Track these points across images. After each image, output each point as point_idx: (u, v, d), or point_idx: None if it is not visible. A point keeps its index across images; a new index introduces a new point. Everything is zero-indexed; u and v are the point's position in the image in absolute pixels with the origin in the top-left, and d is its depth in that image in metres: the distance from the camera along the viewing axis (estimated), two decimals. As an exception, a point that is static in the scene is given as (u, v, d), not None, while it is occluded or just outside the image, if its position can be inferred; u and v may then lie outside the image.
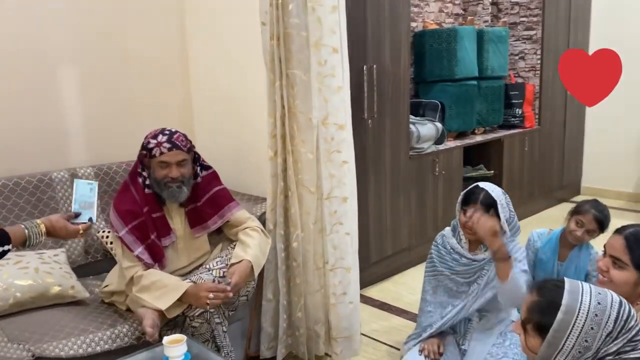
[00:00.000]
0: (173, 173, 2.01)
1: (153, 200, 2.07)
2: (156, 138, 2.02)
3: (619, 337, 1.16)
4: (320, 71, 2.19)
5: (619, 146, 5.03)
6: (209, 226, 2.17)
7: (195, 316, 1.96)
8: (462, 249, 2.24)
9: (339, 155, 2.26)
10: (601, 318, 1.17)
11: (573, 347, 1.17)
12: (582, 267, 2.44)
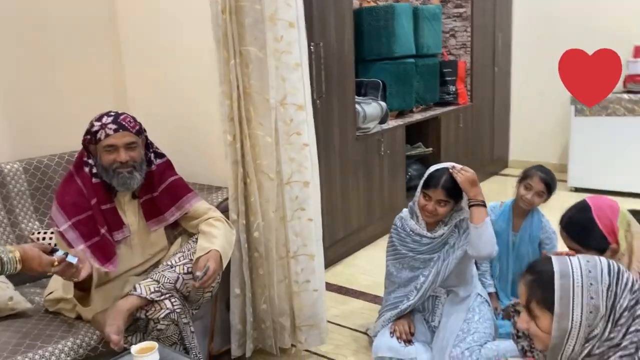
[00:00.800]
0: (121, 157, 1.81)
1: (102, 191, 1.86)
2: (100, 120, 1.82)
3: (619, 290, 1.17)
4: (276, 47, 2.05)
5: (543, 120, 5.26)
6: (167, 219, 1.99)
7: (160, 318, 1.79)
8: (421, 229, 2.22)
9: (299, 137, 2.15)
10: (595, 273, 1.18)
11: (583, 310, 1.16)
12: (535, 235, 2.53)
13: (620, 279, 1.18)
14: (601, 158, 4.43)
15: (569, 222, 1.67)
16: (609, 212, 1.57)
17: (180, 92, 2.57)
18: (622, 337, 1.15)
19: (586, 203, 1.66)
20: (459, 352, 2.05)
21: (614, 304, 1.17)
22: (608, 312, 1.16)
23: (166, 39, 2.56)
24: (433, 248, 2.22)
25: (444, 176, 2.13)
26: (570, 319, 1.17)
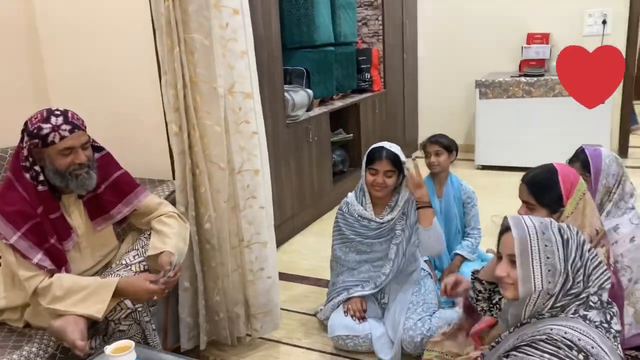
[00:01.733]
0: (80, 158, 1.71)
1: (49, 199, 1.73)
2: (49, 121, 1.68)
3: (572, 248, 1.28)
4: (222, 35, 2.02)
5: (449, 103, 5.59)
6: (113, 216, 1.90)
7: (122, 318, 1.72)
8: (368, 213, 2.31)
9: (248, 125, 2.14)
10: (549, 235, 1.29)
11: (542, 271, 1.27)
12: (458, 196, 2.79)
13: (572, 238, 1.30)
14: (504, 137, 4.81)
15: (533, 178, 1.79)
16: (572, 178, 1.73)
17: (110, 84, 2.44)
18: (582, 290, 1.29)
19: (553, 166, 1.79)
20: (412, 323, 2.17)
21: (574, 262, 1.28)
22: (567, 270, 1.28)
23: (90, 29, 2.42)
24: (381, 233, 2.32)
25: (384, 150, 2.25)
26: (533, 281, 1.28)
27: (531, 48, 4.87)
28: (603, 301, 1.29)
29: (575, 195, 1.70)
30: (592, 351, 1.17)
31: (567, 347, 1.17)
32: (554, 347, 1.17)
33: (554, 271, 1.27)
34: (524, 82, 4.67)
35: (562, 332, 1.20)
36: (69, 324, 1.60)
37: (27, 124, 1.72)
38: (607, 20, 4.76)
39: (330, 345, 2.32)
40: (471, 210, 2.78)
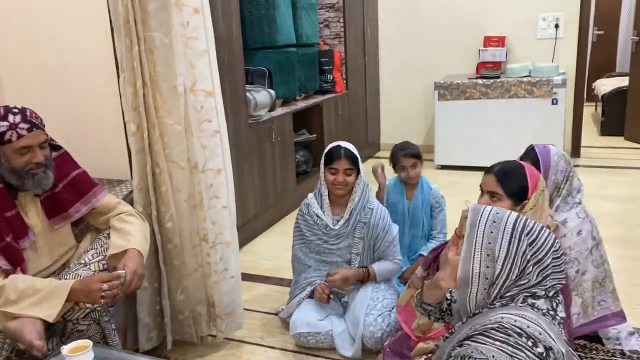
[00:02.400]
0: (38, 157, 1.68)
1: (4, 197, 1.70)
2: (6, 119, 1.65)
3: (523, 242, 1.30)
4: (183, 33, 2.02)
5: (409, 105, 5.69)
6: (71, 215, 1.87)
7: (80, 318, 1.70)
8: (326, 217, 2.36)
9: (210, 124, 2.14)
10: (499, 223, 1.32)
11: (482, 254, 1.30)
12: (427, 200, 2.82)
13: (525, 231, 1.32)
14: (462, 137, 4.93)
15: (502, 169, 1.85)
16: (536, 174, 1.81)
17: (66, 83, 2.40)
18: (533, 285, 1.33)
19: (517, 162, 1.88)
20: (372, 319, 2.21)
21: (517, 252, 1.30)
22: (510, 259, 1.30)
23: (46, 27, 2.37)
24: (339, 237, 2.36)
25: (342, 149, 2.30)
26: (471, 262, 1.32)
27: (488, 51, 5.01)
28: (551, 291, 1.35)
29: (538, 190, 1.77)
30: (540, 337, 1.22)
31: (517, 334, 1.22)
32: (504, 335, 1.22)
33: (492, 257, 1.31)
34: (481, 84, 4.80)
35: (512, 320, 1.25)
36: (26, 324, 1.57)
37: None
38: (560, 24, 4.93)
39: (292, 344, 2.34)
40: (439, 215, 2.81)
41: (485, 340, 1.23)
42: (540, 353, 1.20)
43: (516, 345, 1.20)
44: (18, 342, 1.59)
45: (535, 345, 1.21)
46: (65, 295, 1.62)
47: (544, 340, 1.22)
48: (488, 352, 1.20)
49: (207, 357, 2.29)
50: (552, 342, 1.23)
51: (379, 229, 2.37)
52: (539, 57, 5.00)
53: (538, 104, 4.66)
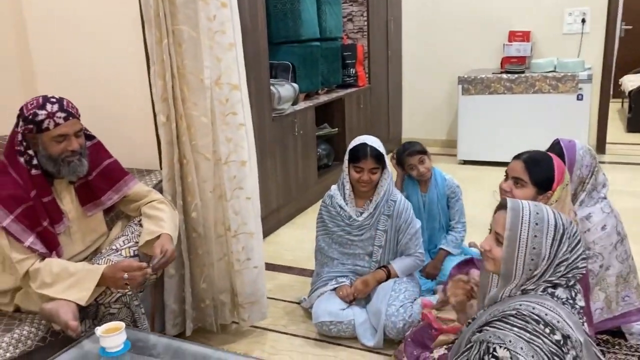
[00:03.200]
0: (73, 145, 1.75)
1: (41, 182, 1.77)
2: (45, 108, 1.72)
3: (565, 244, 1.32)
4: (210, 27, 2.06)
5: (432, 99, 5.67)
6: (104, 202, 1.94)
7: (112, 302, 1.77)
8: (350, 209, 2.39)
9: (235, 117, 2.18)
10: (542, 226, 1.32)
11: (527, 251, 1.32)
12: (442, 192, 2.81)
13: (566, 233, 1.33)
14: (485, 132, 4.91)
15: (530, 156, 1.86)
16: (563, 167, 1.82)
17: (97, 75, 2.46)
18: (558, 278, 1.35)
19: (547, 152, 1.89)
20: (394, 310, 2.24)
21: (557, 254, 1.32)
22: (551, 260, 1.32)
23: (78, 21, 2.44)
24: (362, 229, 2.39)
25: (368, 147, 2.31)
26: (515, 265, 1.34)
27: (512, 45, 4.97)
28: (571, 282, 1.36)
29: (563, 183, 1.78)
30: (558, 325, 1.24)
31: (535, 321, 1.24)
32: (522, 322, 1.25)
33: (537, 261, 1.33)
34: (506, 78, 4.76)
35: (530, 307, 1.27)
36: (61, 306, 1.64)
37: (22, 109, 1.76)
38: (586, 18, 4.87)
39: (315, 332, 2.38)
40: (455, 205, 2.79)
41: (503, 326, 1.25)
42: (558, 340, 1.23)
43: (534, 332, 1.23)
44: (53, 323, 1.66)
45: (553, 333, 1.23)
46: (97, 280, 1.68)
47: (562, 329, 1.24)
48: (505, 337, 1.22)
49: (232, 344, 2.34)
50: (570, 330, 1.25)
51: (401, 221, 2.39)
52: (564, 52, 4.93)
53: (563, 100, 4.61)
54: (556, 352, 1.22)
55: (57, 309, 1.63)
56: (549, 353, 1.21)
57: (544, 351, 1.21)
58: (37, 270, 1.68)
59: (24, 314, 1.78)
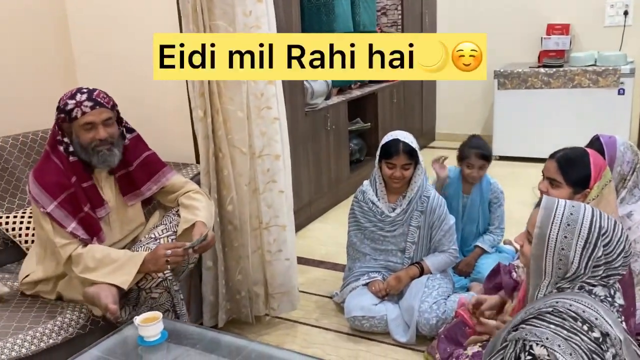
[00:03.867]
0: (100, 134, 1.80)
1: (80, 169, 1.84)
2: (74, 98, 1.79)
3: (600, 247, 1.27)
4: (246, 22, 2.08)
5: (467, 94, 5.59)
6: (143, 193, 2.01)
7: (153, 287, 1.82)
8: (382, 204, 2.38)
9: (269, 111, 2.20)
10: (574, 227, 1.28)
11: (554, 262, 1.30)
12: (485, 196, 2.74)
13: (601, 236, 1.28)
14: (522, 128, 4.81)
15: (564, 155, 1.81)
16: (601, 163, 1.77)
17: (135, 69, 2.52)
18: (595, 280, 1.31)
19: (584, 149, 1.83)
20: (427, 307, 2.23)
21: (590, 257, 1.28)
22: (583, 263, 1.28)
23: (117, 15, 2.49)
24: (395, 225, 2.38)
25: (400, 143, 2.29)
26: (544, 262, 1.32)
27: (551, 39, 4.85)
28: (610, 279, 1.33)
29: (602, 181, 1.72)
30: (596, 322, 1.21)
31: (572, 318, 1.21)
32: (559, 319, 1.22)
33: (565, 262, 1.29)
34: (543, 72, 4.66)
35: (567, 304, 1.24)
36: (103, 289, 1.70)
37: (59, 101, 1.84)
38: (629, 10, 4.71)
39: (347, 326, 2.39)
40: (497, 210, 2.72)
41: (539, 324, 1.23)
42: (597, 338, 1.20)
43: (571, 329, 1.20)
44: (95, 305, 1.72)
45: (591, 330, 1.21)
46: (139, 265, 1.74)
47: (600, 326, 1.21)
48: (542, 335, 1.20)
49: (264, 336, 2.37)
50: (610, 328, 1.22)
51: (435, 217, 2.37)
52: (605, 46, 4.78)
53: (603, 94, 4.48)
54: (595, 350, 1.19)
55: (99, 292, 1.69)
56: (587, 351, 1.18)
57: (582, 349, 1.18)
58: (79, 256, 1.75)
59: (65, 302, 1.84)
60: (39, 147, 2.28)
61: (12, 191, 2.18)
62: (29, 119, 2.37)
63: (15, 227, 2.10)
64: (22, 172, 2.22)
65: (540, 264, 1.32)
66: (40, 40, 2.51)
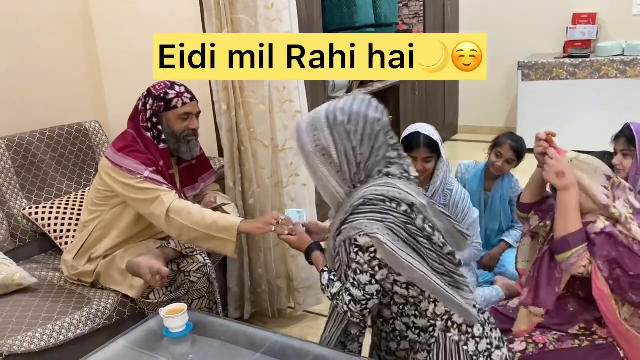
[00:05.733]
0: (195, 124, 1.90)
1: (168, 155, 1.90)
2: (174, 88, 1.87)
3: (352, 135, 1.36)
4: (267, 15, 2.08)
5: (490, 86, 5.51)
6: (197, 187, 2.08)
7: (193, 271, 1.87)
8: None
9: (292, 104, 2.20)
10: (315, 124, 1.40)
11: (316, 154, 1.40)
12: (506, 194, 2.68)
13: (337, 120, 1.36)
14: (547, 120, 4.72)
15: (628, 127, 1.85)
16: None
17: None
18: (382, 157, 1.42)
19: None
20: (450, 300, 2.21)
21: (340, 140, 1.37)
22: (339, 147, 1.37)
23: (140, 10, 2.51)
24: None
25: (421, 136, 2.25)
26: (317, 171, 1.43)
27: (577, 28, 4.76)
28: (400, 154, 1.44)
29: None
30: (401, 197, 1.34)
31: (381, 201, 1.32)
32: (370, 206, 1.32)
33: (328, 154, 1.38)
34: (569, 63, 4.57)
35: (372, 191, 1.35)
36: (149, 260, 1.74)
37: (150, 90, 1.90)
38: (659, -2, 4.60)
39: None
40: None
41: (356, 217, 1.32)
42: (405, 210, 1.33)
43: (383, 211, 1.31)
44: (137, 275, 1.76)
45: (400, 205, 1.33)
46: (235, 232, 1.74)
47: (405, 199, 1.34)
48: (361, 225, 1.30)
49: (287, 328, 2.38)
50: (413, 198, 1.36)
51: (458, 211, 2.34)
52: (633, 35, 4.67)
53: (632, 85, 4.38)
54: (407, 220, 1.32)
55: (148, 259, 1.74)
56: (401, 224, 1.31)
57: (396, 224, 1.30)
58: (182, 206, 1.76)
59: (92, 292, 1.87)
60: (64, 142, 2.32)
61: (39, 185, 2.22)
62: (55, 114, 2.41)
63: (45, 217, 2.14)
64: (49, 166, 2.26)
65: (320, 177, 1.42)
66: (66, 40, 2.53)
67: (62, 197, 2.25)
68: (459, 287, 1.37)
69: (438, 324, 1.37)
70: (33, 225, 2.15)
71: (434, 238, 1.35)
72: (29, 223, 2.14)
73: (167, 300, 1.80)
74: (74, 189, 2.30)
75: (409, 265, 1.30)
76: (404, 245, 1.31)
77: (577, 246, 1.56)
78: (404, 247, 1.30)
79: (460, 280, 1.39)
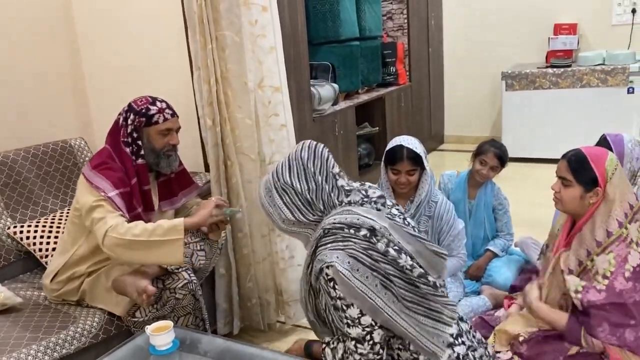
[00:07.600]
0: (175, 140, 1.92)
1: (145, 172, 1.90)
2: (155, 104, 1.88)
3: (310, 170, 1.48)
4: (252, 31, 2.10)
5: (474, 96, 5.58)
6: (175, 203, 2.07)
7: (178, 288, 1.85)
8: None
9: (277, 118, 2.22)
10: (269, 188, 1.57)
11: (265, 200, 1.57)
12: (489, 201, 2.72)
13: (307, 163, 1.48)
14: (531, 129, 4.79)
15: (574, 156, 1.76)
16: (600, 153, 1.71)
17: (142, 80, 2.55)
18: (332, 188, 1.49)
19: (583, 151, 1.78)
20: (438, 310, 2.22)
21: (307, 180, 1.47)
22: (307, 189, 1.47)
23: (124, 27, 2.52)
24: None
25: (405, 149, 2.27)
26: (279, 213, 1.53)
27: (558, 39, 4.84)
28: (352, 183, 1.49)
29: (609, 169, 1.68)
30: (359, 222, 1.37)
31: (339, 229, 1.36)
32: (331, 236, 1.37)
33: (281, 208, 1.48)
34: (551, 73, 4.64)
35: (331, 220, 1.39)
36: (135, 279, 1.75)
37: (131, 105, 1.90)
38: (637, 8, 4.69)
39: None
40: (503, 217, 2.70)
41: (320, 250, 1.37)
42: (365, 235, 1.35)
43: (343, 238, 1.35)
44: (123, 294, 1.77)
45: (359, 230, 1.35)
46: (182, 231, 1.76)
47: (364, 223, 1.37)
48: (325, 257, 1.34)
49: (277, 342, 2.37)
50: (373, 222, 1.38)
51: (443, 223, 2.36)
52: (613, 45, 4.76)
53: (612, 93, 4.45)
54: (368, 246, 1.34)
55: (134, 277, 1.75)
56: (362, 250, 1.33)
57: (357, 250, 1.33)
58: (123, 224, 1.76)
59: (78, 311, 1.86)
60: (49, 159, 2.31)
61: (24, 203, 2.20)
62: (40, 131, 2.40)
63: (30, 235, 2.12)
64: (34, 184, 2.24)
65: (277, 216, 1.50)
66: (51, 57, 2.53)
67: (48, 215, 2.23)
68: (434, 312, 1.37)
69: (420, 358, 1.38)
70: (18, 244, 2.13)
71: (400, 261, 1.35)
72: (13, 242, 2.12)
73: (153, 317, 1.79)
74: (59, 207, 2.29)
75: (363, 295, 1.30)
76: (368, 271, 1.31)
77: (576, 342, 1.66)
78: (367, 273, 1.31)
79: (438, 303, 1.38)
